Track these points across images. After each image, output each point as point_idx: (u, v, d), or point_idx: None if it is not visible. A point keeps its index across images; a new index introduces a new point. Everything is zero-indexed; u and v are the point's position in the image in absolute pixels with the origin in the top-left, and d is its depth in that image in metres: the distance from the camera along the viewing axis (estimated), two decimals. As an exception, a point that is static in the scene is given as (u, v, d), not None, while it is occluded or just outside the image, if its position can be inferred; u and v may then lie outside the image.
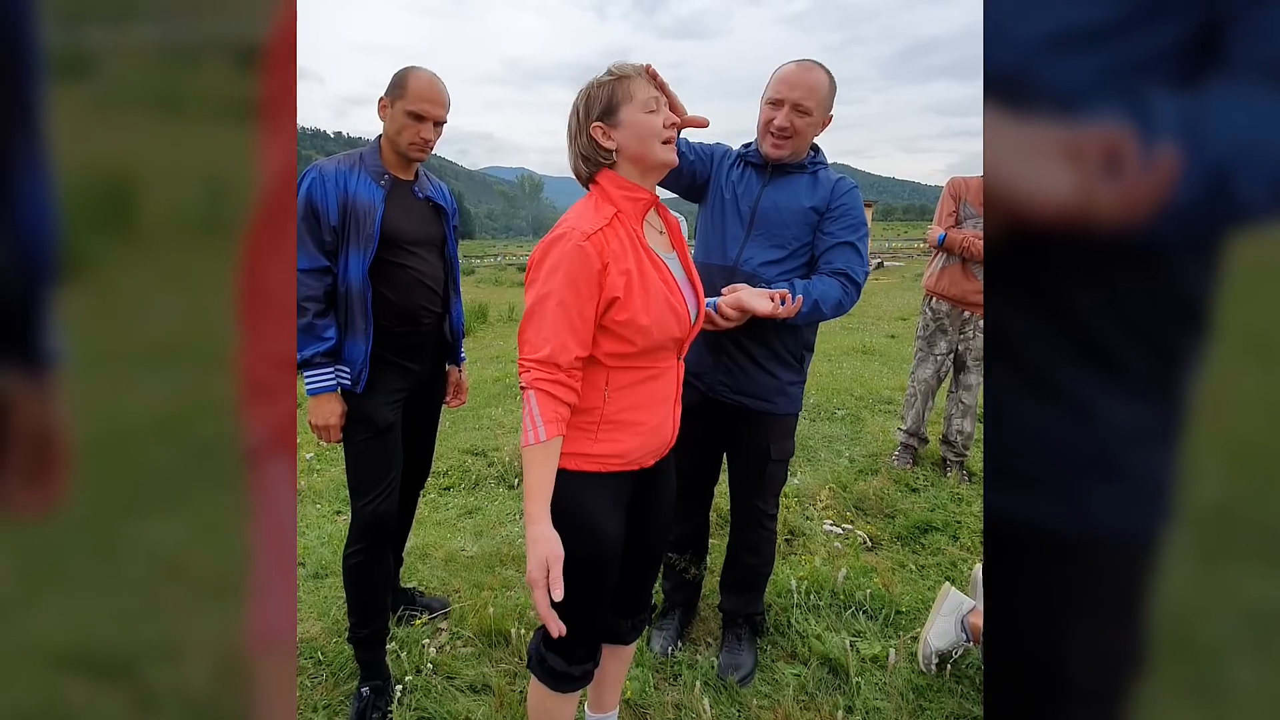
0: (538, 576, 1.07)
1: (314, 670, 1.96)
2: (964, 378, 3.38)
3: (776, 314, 1.57)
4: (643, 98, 1.17)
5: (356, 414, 1.73)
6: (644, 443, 1.24)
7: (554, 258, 1.12)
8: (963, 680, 1.89)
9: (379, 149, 1.75)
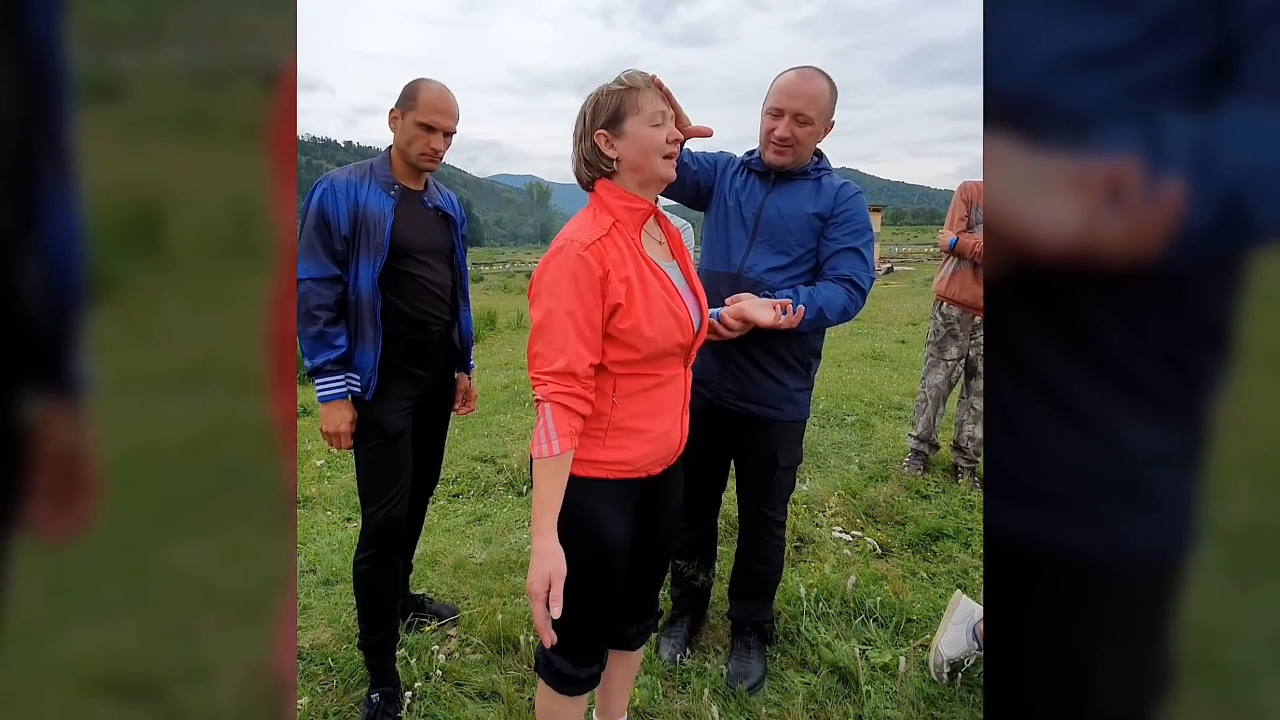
0: (538, 590, 1.08)
1: (324, 677, 1.97)
2: (975, 383, 3.37)
3: (778, 324, 1.57)
4: (649, 111, 1.18)
5: (366, 421, 1.74)
6: (651, 450, 1.24)
7: (555, 271, 1.13)
8: (974, 689, 1.88)
9: (389, 159, 1.76)
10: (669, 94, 1.25)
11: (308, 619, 2.25)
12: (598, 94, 1.21)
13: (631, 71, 1.22)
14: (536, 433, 1.12)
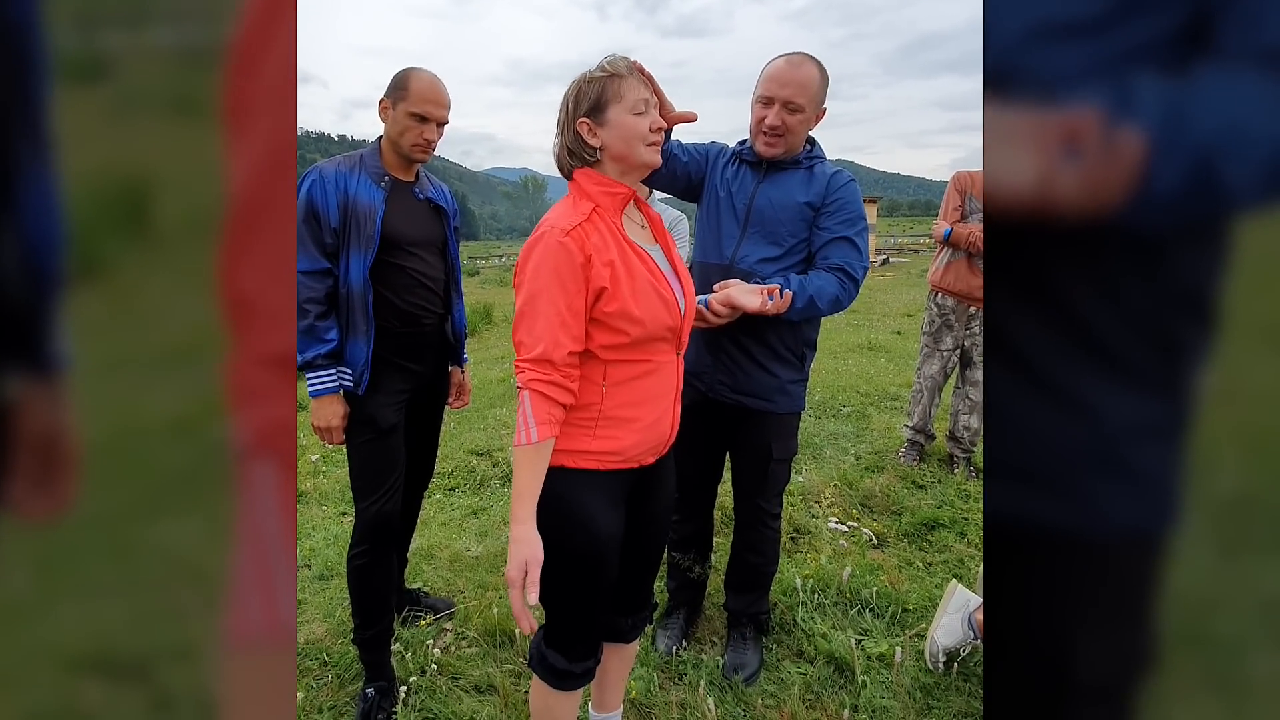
0: (515, 577, 1.08)
1: (319, 671, 1.97)
2: (970, 373, 3.38)
3: (765, 310, 1.56)
4: (632, 99, 1.17)
5: (359, 415, 1.73)
6: (642, 439, 1.24)
7: (536, 258, 1.13)
8: (970, 678, 1.89)
9: (379, 150, 1.75)
10: (652, 80, 1.24)
11: (303, 614, 2.25)
12: (580, 81, 1.20)
13: (614, 58, 1.21)
14: (518, 420, 1.12)
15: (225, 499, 0.59)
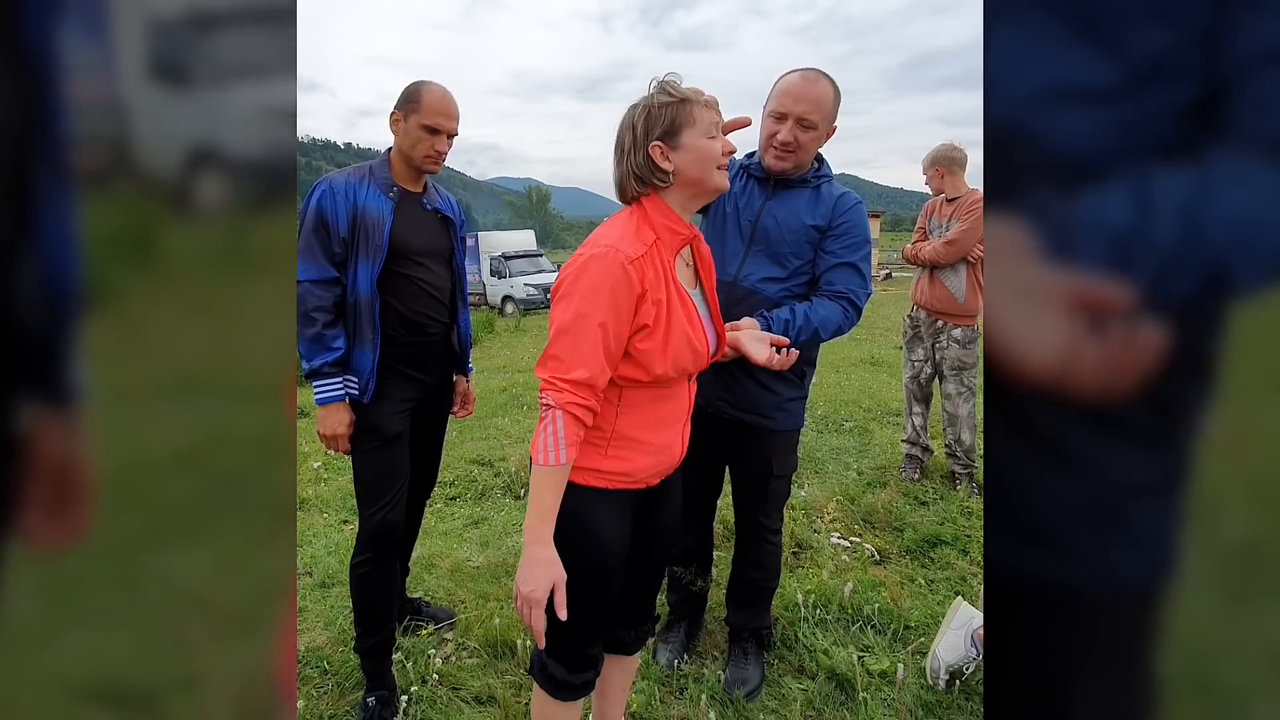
0: (540, 597, 1.07)
1: (320, 680, 1.96)
2: (944, 387, 3.46)
3: (770, 366, 1.55)
4: (705, 123, 1.17)
5: (364, 423, 1.74)
6: (653, 463, 1.24)
7: (593, 276, 1.10)
8: (972, 696, 1.88)
9: (388, 162, 1.77)
10: (715, 104, 1.21)
11: (304, 622, 2.25)
12: (647, 105, 1.17)
13: (673, 80, 1.18)
14: (542, 439, 1.09)
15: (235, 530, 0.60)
